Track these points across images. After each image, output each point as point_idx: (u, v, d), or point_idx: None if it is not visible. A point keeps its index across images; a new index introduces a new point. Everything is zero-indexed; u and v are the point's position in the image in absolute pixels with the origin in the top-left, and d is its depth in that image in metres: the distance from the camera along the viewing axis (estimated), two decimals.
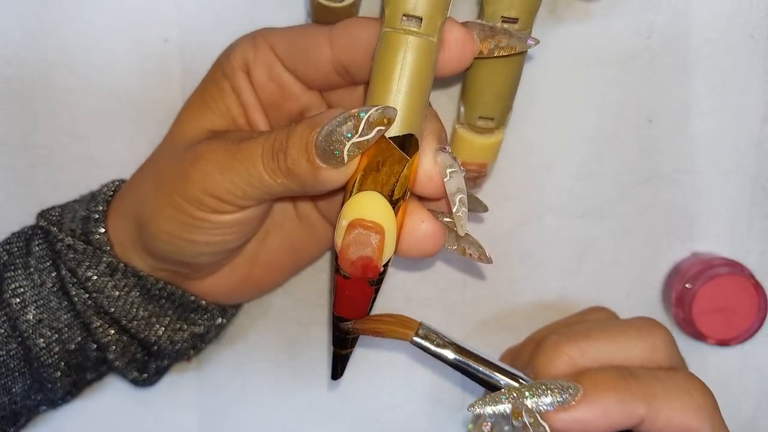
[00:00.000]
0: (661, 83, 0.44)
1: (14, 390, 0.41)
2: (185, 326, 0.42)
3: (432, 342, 0.37)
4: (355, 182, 0.33)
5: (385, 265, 0.34)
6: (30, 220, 0.42)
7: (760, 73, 0.44)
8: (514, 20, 0.36)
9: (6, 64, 0.43)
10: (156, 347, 0.41)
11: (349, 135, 0.32)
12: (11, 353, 0.40)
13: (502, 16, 0.36)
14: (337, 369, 0.39)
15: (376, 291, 0.35)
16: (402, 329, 0.37)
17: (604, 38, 0.44)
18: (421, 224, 0.35)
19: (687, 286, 0.43)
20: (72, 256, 0.39)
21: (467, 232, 0.36)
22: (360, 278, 0.34)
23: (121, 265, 0.40)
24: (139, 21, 0.43)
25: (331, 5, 0.37)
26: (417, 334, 0.37)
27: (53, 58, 0.43)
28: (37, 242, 0.40)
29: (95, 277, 0.39)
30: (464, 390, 0.47)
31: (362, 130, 0.32)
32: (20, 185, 0.44)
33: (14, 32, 0.43)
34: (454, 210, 0.34)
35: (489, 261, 0.36)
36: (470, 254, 0.36)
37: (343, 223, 0.33)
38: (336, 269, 0.34)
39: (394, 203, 0.33)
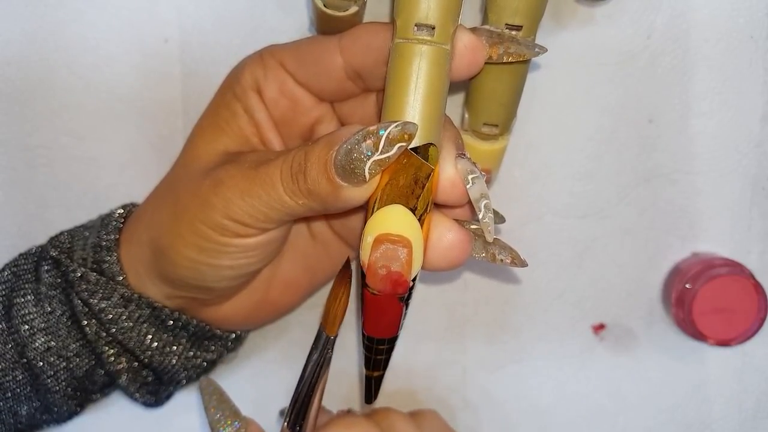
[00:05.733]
0: (661, 83, 0.44)
1: (20, 412, 0.40)
2: (198, 353, 0.42)
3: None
4: (377, 197, 0.33)
5: (414, 280, 0.33)
6: (30, 220, 0.42)
7: (760, 73, 0.44)
8: (518, 27, 0.36)
9: (6, 64, 0.43)
10: (168, 375, 0.41)
11: (370, 153, 0.31)
12: (18, 379, 0.40)
13: (506, 23, 0.36)
14: (371, 392, 0.38)
15: (406, 307, 0.34)
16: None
17: (604, 39, 0.44)
18: (447, 234, 0.34)
19: (687, 286, 0.43)
20: (85, 287, 0.39)
21: (496, 237, 0.35)
22: (390, 294, 0.33)
23: (135, 295, 0.39)
24: (139, 21, 0.43)
25: (335, 14, 0.36)
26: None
27: (53, 58, 0.43)
28: (46, 268, 0.40)
29: (108, 308, 0.39)
30: (465, 390, 0.47)
31: (382, 147, 0.31)
32: (20, 185, 0.44)
33: (14, 32, 0.43)
34: (480, 216, 0.33)
35: (524, 264, 0.35)
36: (501, 259, 0.35)
37: (368, 239, 0.32)
38: (363, 286, 0.34)
39: (419, 215, 0.32)
